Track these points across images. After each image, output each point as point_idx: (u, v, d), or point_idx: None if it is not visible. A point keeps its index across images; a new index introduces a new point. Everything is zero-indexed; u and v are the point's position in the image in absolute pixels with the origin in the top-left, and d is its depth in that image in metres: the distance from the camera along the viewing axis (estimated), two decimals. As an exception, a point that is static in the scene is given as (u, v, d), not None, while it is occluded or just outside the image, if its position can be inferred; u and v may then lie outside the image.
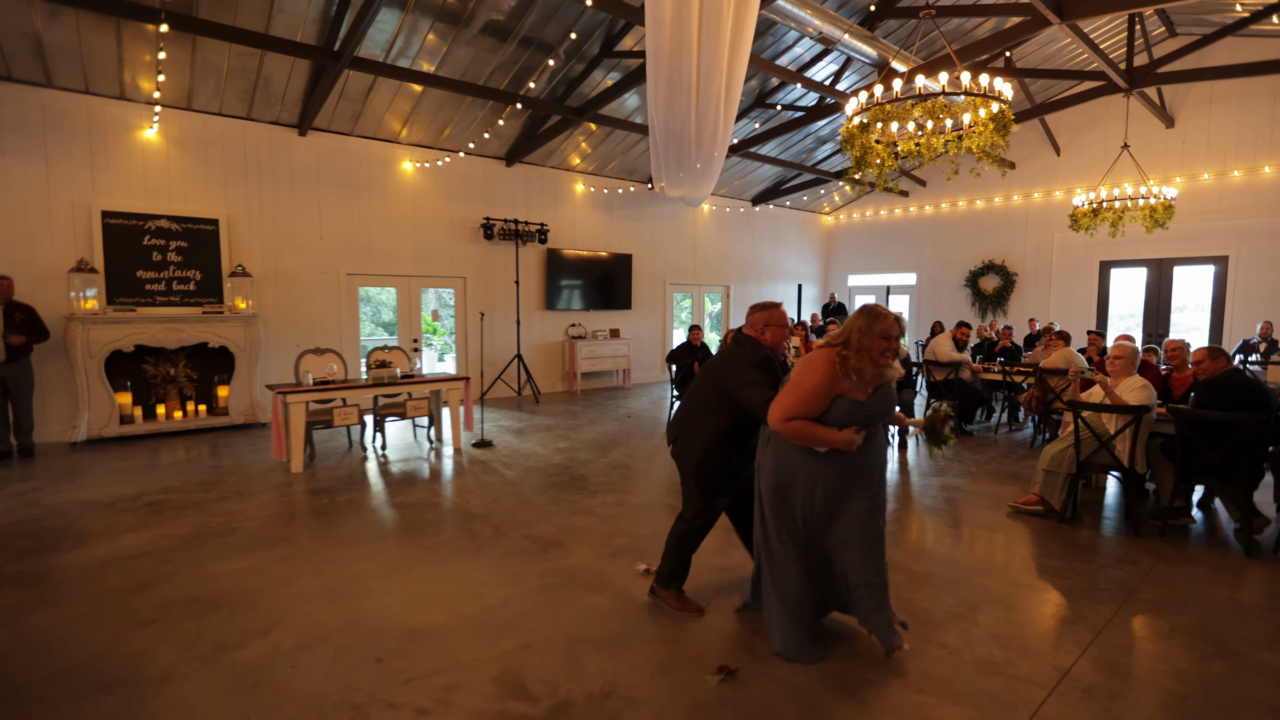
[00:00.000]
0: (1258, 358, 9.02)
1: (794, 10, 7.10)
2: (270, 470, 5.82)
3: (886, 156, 5.23)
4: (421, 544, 4.13)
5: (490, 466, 6.07)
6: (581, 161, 10.83)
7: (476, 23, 7.02)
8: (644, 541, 4.15)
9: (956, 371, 7.71)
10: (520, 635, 3.00)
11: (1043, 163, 12.64)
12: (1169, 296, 11.59)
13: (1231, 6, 8.85)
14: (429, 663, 2.78)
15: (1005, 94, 4.77)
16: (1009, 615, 3.19)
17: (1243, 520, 4.12)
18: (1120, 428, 4.36)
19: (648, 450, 6.76)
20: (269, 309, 8.04)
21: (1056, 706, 2.47)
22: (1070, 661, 2.78)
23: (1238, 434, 3.94)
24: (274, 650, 2.88)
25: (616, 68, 8.27)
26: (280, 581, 3.57)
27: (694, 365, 7.39)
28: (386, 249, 9.04)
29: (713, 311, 14.30)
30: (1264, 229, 10.33)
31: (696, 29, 5.42)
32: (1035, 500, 4.73)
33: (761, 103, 10.00)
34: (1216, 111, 10.66)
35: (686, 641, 2.94)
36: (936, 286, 14.34)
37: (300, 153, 8.21)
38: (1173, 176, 10.96)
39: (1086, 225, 8.96)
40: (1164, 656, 2.86)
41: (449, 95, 8.16)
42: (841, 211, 15.76)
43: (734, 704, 2.49)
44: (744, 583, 3.41)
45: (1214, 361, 4.27)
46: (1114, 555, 3.98)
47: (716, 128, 6.73)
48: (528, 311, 10.57)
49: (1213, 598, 3.40)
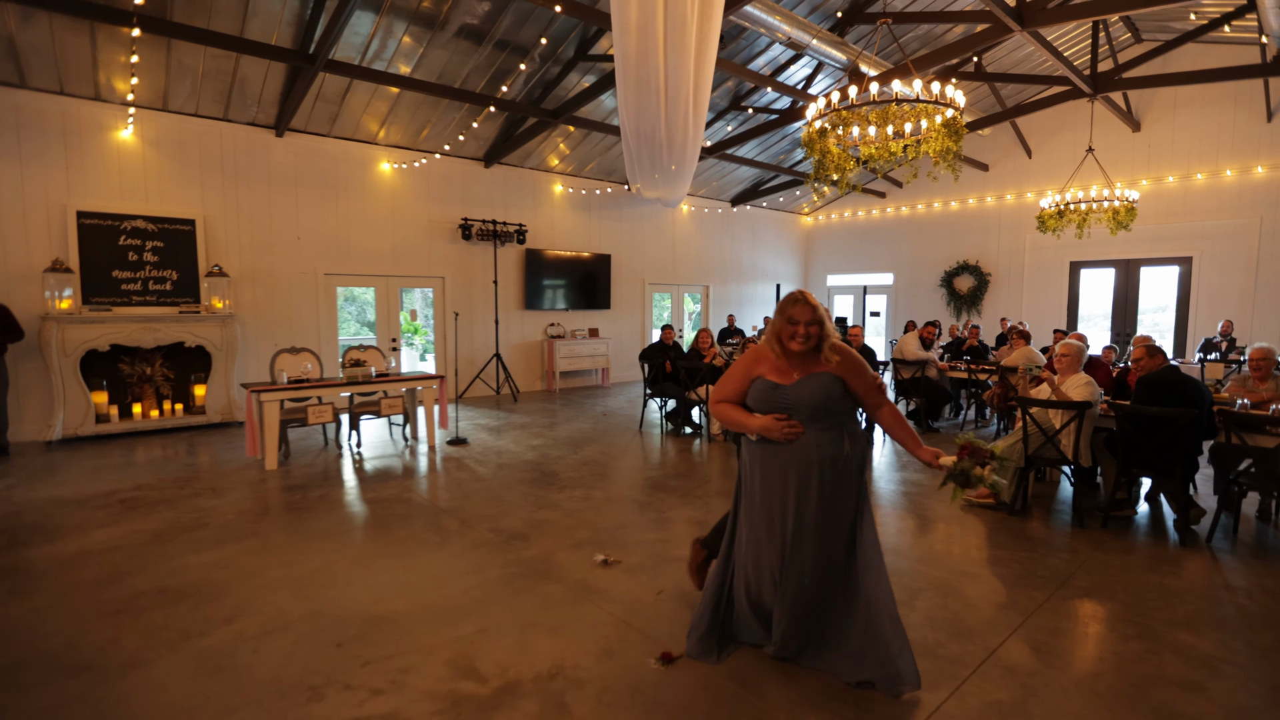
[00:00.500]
0: (1218, 356, 9.28)
1: (763, 16, 7.25)
2: (244, 468, 5.90)
3: (847, 160, 5.39)
4: (388, 537, 4.24)
5: (463, 463, 6.18)
6: (560, 162, 10.94)
7: (451, 26, 7.12)
8: (605, 534, 4.28)
9: (923, 370, 7.90)
10: (477, 621, 3.12)
11: (1015, 165, 12.89)
12: (1136, 296, 11.87)
13: (1186, 15, 9.11)
14: (387, 647, 2.89)
15: (957, 101, 4.93)
16: (947, 601, 3.35)
17: (1179, 511, 4.31)
18: (1064, 423, 4.54)
19: (619, 447, 6.89)
20: (246, 309, 8.10)
21: (977, 683, 2.62)
22: (999, 643, 2.94)
23: (1172, 428, 4.13)
24: (237, 637, 2.99)
25: (592, 70, 8.39)
26: (248, 573, 3.67)
27: (666, 364, 7.53)
28: (365, 249, 9.12)
29: (693, 311, 14.45)
30: (1225, 230, 10.62)
31: (662, 34, 5.55)
32: (987, 493, 4.90)
33: (736, 105, 10.16)
34: (1180, 116, 10.94)
35: (637, 627, 3.07)
36: (913, 286, 14.58)
37: (277, 153, 8.27)
38: (1139, 179, 11.24)
39: (1053, 227, 9.20)
40: (1087, 637, 3.03)
41: (426, 97, 8.25)
42: (820, 212, 15.96)
43: (674, 683, 2.62)
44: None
45: (1151, 359, 4.46)
46: (1056, 545, 4.16)
47: (687, 130, 6.86)
48: (506, 311, 10.67)
49: (1142, 583, 3.57)
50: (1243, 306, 10.49)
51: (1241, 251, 10.51)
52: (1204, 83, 9.42)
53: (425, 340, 14.24)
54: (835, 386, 2.55)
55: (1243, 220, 10.44)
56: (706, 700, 2.52)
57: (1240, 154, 10.41)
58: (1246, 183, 10.38)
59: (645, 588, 3.49)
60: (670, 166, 7.77)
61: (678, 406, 7.64)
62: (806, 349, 2.56)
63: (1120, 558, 3.94)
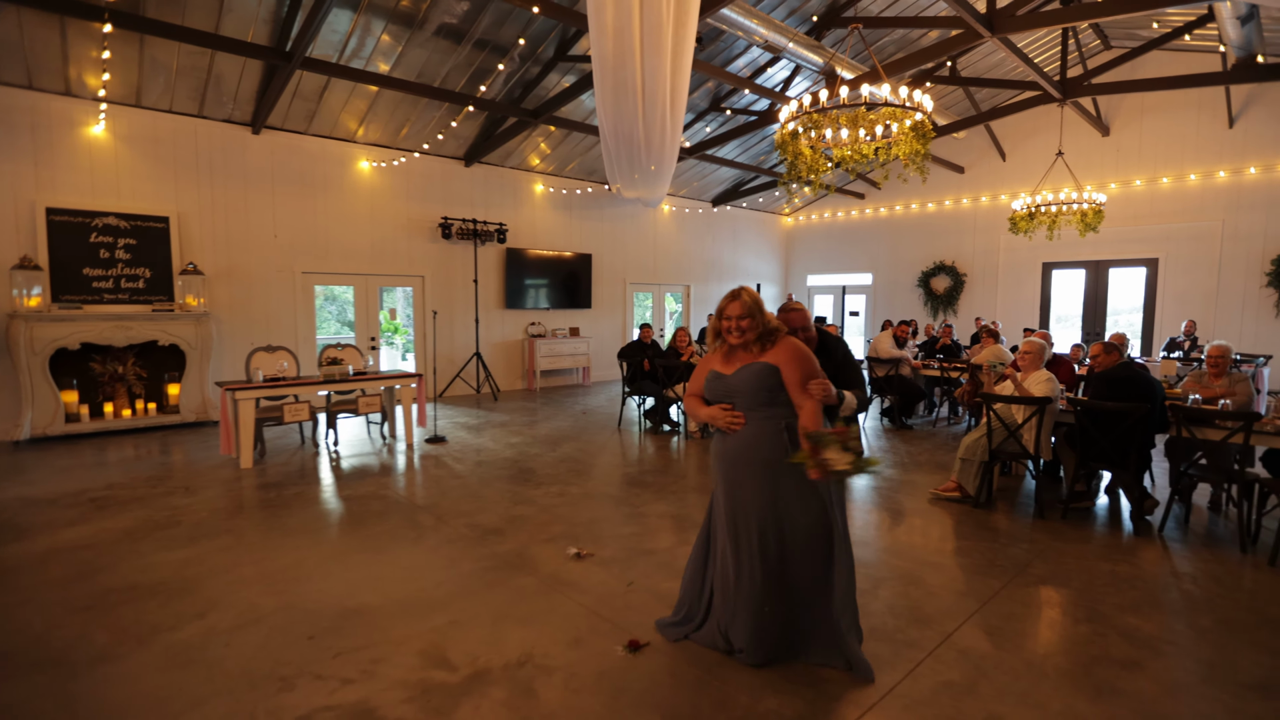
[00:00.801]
0: (1181, 354, 9.54)
1: (740, 19, 7.35)
2: (219, 466, 5.88)
3: (819, 161, 5.50)
4: (363, 533, 4.26)
5: (441, 461, 6.20)
6: (541, 162, 10.98)
7: (430, 25, 7.13)
8: (579, 529, 4.34)
9: (897, 368, 8.05)
10: (449, 614, 3.17)
11: (989, 167, 13.14)
12: (1105, 296, 12.16)
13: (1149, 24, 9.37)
14: (359, 639, 2.93)
15: (925, 105, 5.06)
16: (908, 590, 3.45)
17: (1134, 502, 4.46)
18: (1026, 418, 4.67)
19: (598, 444, 6.95)
20: (222, 307, 8.05)
21: (931, 666, 2.72)
22: (955, 627, 3.05)
23: (1127, 422, 4.27)
24: (209, 631, 3.01)
25: (572, 70, 8.44)
26: (220, 569, 3.68)
27: (644, 362, 7.60)
28: (343, 248, 9.09)
29: (674, 311, 14.54)
30: (1190, 233, 10.92)
31: (638, 37, 5.62)
32: (954, 487, 5.04)
33: (716, 107, 10.26)
34: (1147, 121, 11.23)
35: (606, 617, 3.13)
36: (891, 286, 14.79)
37: (254, 151, 8.22)
38: (1108, 182, 11.51)
39: (1024, 228, 9.41)
40: (1038, 621, 3.14)
41: (405, 95, 8.25)
42: (800, 213, 16.14)
43: (639, 669, 2.69)
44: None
45: (1108, 355, 4.61)
46: (1016, 535, 4.28)
47: (665, 131, 6.94)
48: (487, 310, 10.68)
49: (1095, 571, 3.71)
50: (1205, 307, 10.80)
51: (1205, 253, 10.81)
52: (1168, 89, 9.71)
53: (406, 339, 14.20)
54: (769, 376, 2.61)
55: (1206, 223, 10.74)
56: (670, 684, 2.59)
57: (1203, 159, 10.71)
58: (1209, 187, 10.68)
59: (617, 579, 3.55)
60: (649, 167, 7.84)
61: (656, 404, 7.71)
62: (743, 342, 2.67)
63: (1076, 547, 4.08)
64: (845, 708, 2.44)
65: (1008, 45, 7.74)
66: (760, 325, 2.66)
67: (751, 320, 2.64)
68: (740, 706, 2.44)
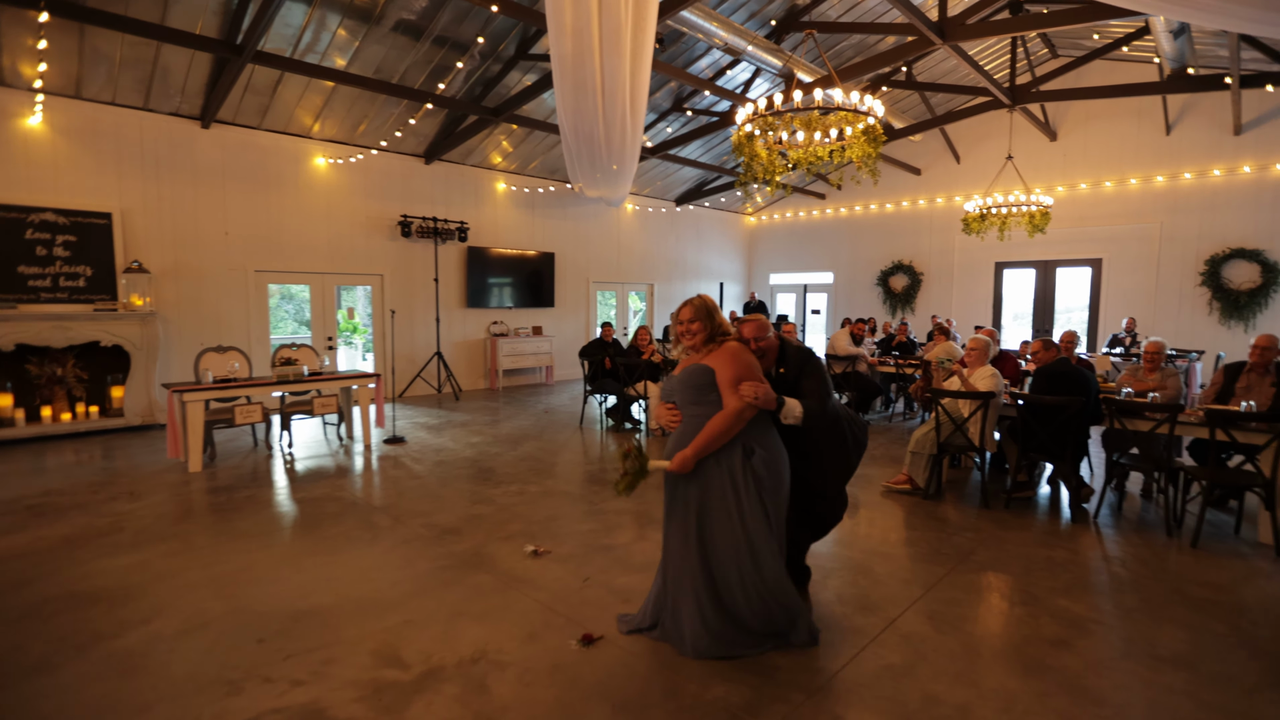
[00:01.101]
0: (1122, 350, 9.96)
1: (700, 22, 7.42)
2: (166, 470, 5.72)
3: (775, 162, 5.60)
4: (317, 535, 4.21)
5: (399, 461, 6.14)
6: (503, 160, 10.91)
7: (388, 20, 7.04)
8: (537, 526, 4.36)
9: (854, 365, 8.23)
10: (404, 613, 3.16)
11: (944, 169, 13.49)
12: (1053, 295, 12.61)
13: (1091, 35, 9.76)
14: (310, 641, 2.91)
15: (876, 110, 5.20)
16: (856, 579, 3.56)
17: (1072, 491, 4.67)
18: (971, 412, 4.84)
19: (559, 443, 6.96)
20: (169, 306, 7.81)
21: (875, 650, 2.82)
22: (899, 613, 3.16)
23: (1063, 415, 4.47)
24: (153, 638, 2.95)
25: (533, 69, 8.42)
26: (166, 575, 3.60)
27: (605, 360, 7.63)
28: (298, 245, 8.90)
29: (638, 309, 14.60)
30: (1131, 234, 11.39)
31: (597, 37, 5.64)
32: (905, 480, 5.19)
33: (678, 107, 10.34)
34: (1092, 127, 11.67)
35: (562, 612, 3.16)
36: (852, 284, 15.09)
37: (203, 145, 8.00)
38: (1055, 185, 11.93)
39: (976, 229, 9.71)
40: (977, 605, 3.27)
41: (362, 91, 8.12)
42: (763, 213, 16.34)
43: (593, 662, 2.73)
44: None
45: (1046, 352, 4.81)
46: (962, 525, 4.44)
47: (626, 131, 6.97)
48: (448, 309, 10.58)
49: (1032, 557, 3.87)
50: (1145, 304, 11.28)
51: (1144, 254, 11.29)
52: (1110, 97, 10.12)
53: (366, 339, 13.96)
54: (700, 376, 2.71)
55: (1145, 225, 11.22)
56: (623, 675, 2.63)
57: (1143, 164, 11.18)
58: (1149, 191, 11.16)
59: (573, 575, 3.58)
60: (611, 166, 7.87)
61: (617, 402, 7.75)
62: (694, 344, 2.78)
63: (1017, 534, 4.25)
64: (790, 693, 2.51)
65: (959, 52, 7.97)
66: (709, 329, 2.76)
67: (701, 324, 2.76)
68: (689, 695, 2.50)
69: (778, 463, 2.74)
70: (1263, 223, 10.07)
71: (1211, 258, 10.50)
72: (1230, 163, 10.31)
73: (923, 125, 11.71)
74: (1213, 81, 8.57)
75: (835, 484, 3.09)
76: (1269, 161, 9.95)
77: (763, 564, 2.68)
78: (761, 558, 2.68)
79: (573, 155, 7.71)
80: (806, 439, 2.93)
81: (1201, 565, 3.77)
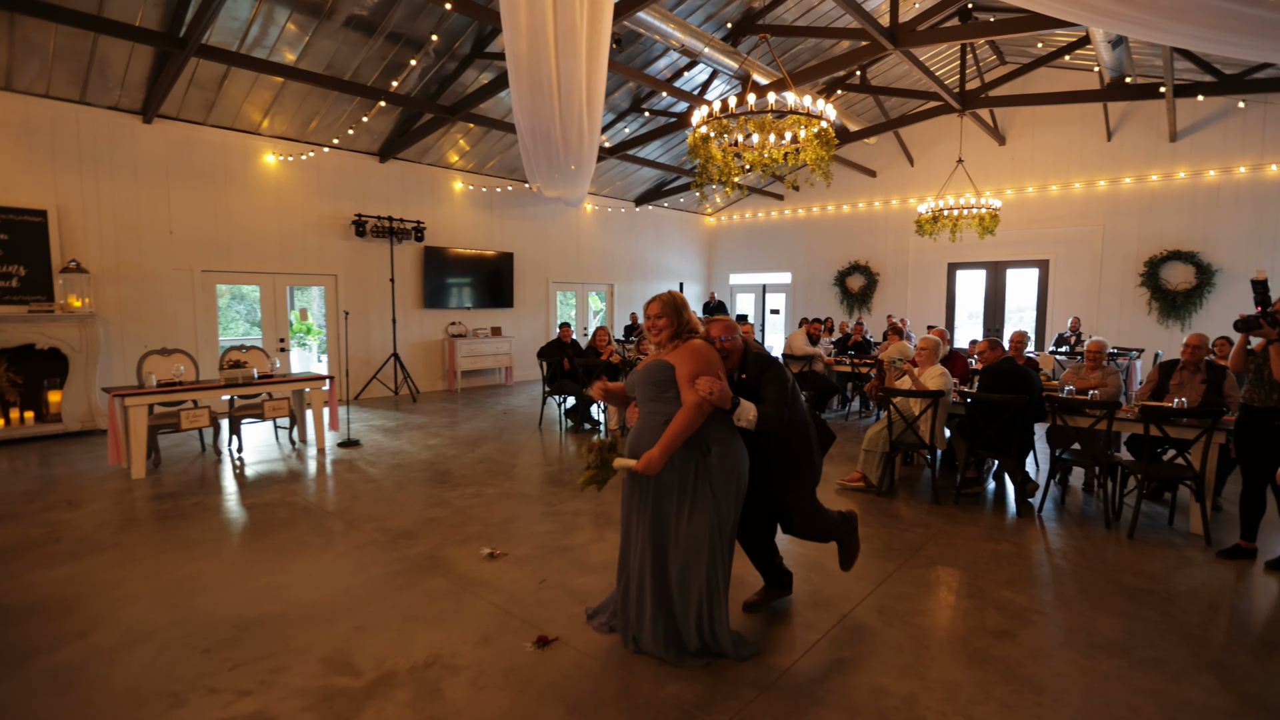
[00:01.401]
0: (1068, 349, 10.35)
1: (656, 23, 7.45)
2: (107, 478, 5.50)
3: (731, 164, 5.66)
4: (267, 542, 4.10)
5: (354, 465, 6.02)
6: (460, 159, 10.78)
7: (339, 15, 6.89)
8: (494, 528, 4.32)
9: (810, 364, 8.37)
10: (356, 619, 3.11)
11: (899, 172, 13.81)
12: (1004, 295, 13.02)
13: (1036, 43, 10.11)
14: (258, 650, 2.84)
15: (829, 114, 5.30)
16: (809, 576, 3.63)
17: (1018, 486, 4.84)
18: (922, 410, 4.98)
19: (517, 444, 6.91)
20: (110, 308, 7.51)
21: (825, 646, 2.88)
22: (850, 609, 3.23)
23: (1008, 412, 4.62)
24: (91, 651, 2.84)
25: (490, 67, 8.33)
26: (106, 586, 3.47)
27: (564, 361, 7.61)
28: (248, 245, 8.65)
29: (598, 310, 14.58)
30: (1076, 236, 11.83)
31: (553, 37, 5.62)
32: (859, 478, 5.30)
33: (637, 108, 10.36)
34: (1038, 133, 12.08)
35: (517, 615, 3.15)
36: (810, 284, 15.33)
37: (146, 141, 7.71)
38: (1004, 189, 12.32)
39: (929, 231, 9.97)
40: (926, 599, 3.37)
41: (314, 88, 7.92)
42: (722, 213, 16.49)
43: (547, 664, 2.73)
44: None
45: (993, 351, 4.98)
46: (913, 521, 4.56)
47: (583, 131, 6.97)
48: (405, 310, 10.41)
49: (979, 551, 4.00)
50: (1089, 304, 11.73)
51: (1088, 255, 11.74)
52: (1054, 104, 10.53)
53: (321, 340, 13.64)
54: (659, 371, 2.69)
55: (1089, 227, 11.67)
56: (577, 676, 2.64)
57: (1086, 168, 11.63)
58: (1092, 194, 11.61)
59: (529, 577, 3.57)
60: (569, 166, 7.85)
61: (577, 403, 7.73)
62: (659, 340, 2.76)
63: (965, 529, 4.39)
64: (742, 689, 2.55)
65: (910, 58, 8.17)
66: (675, 325, 2.75)
67: (668, 319, 2.74)
68: (642, 694, 2.52)
69: (735, 462, 2.71)
70: (1196, 226, 10.57)
71: (1150, 259, 10.97)
72: (1166, 168, 10.79)
73: (877, 128, 11.98)
74: (1149, 90, 8.97)
75: (797, 492, 3.03)
76: (1202, 168, 10.45)
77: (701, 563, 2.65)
78: (701, 556, 2.65)
79: (530, 155, 7.67)
80: (765, 445, 2.91)
81: (1137, 556, 3.95)
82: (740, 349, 2.95)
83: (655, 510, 2.71)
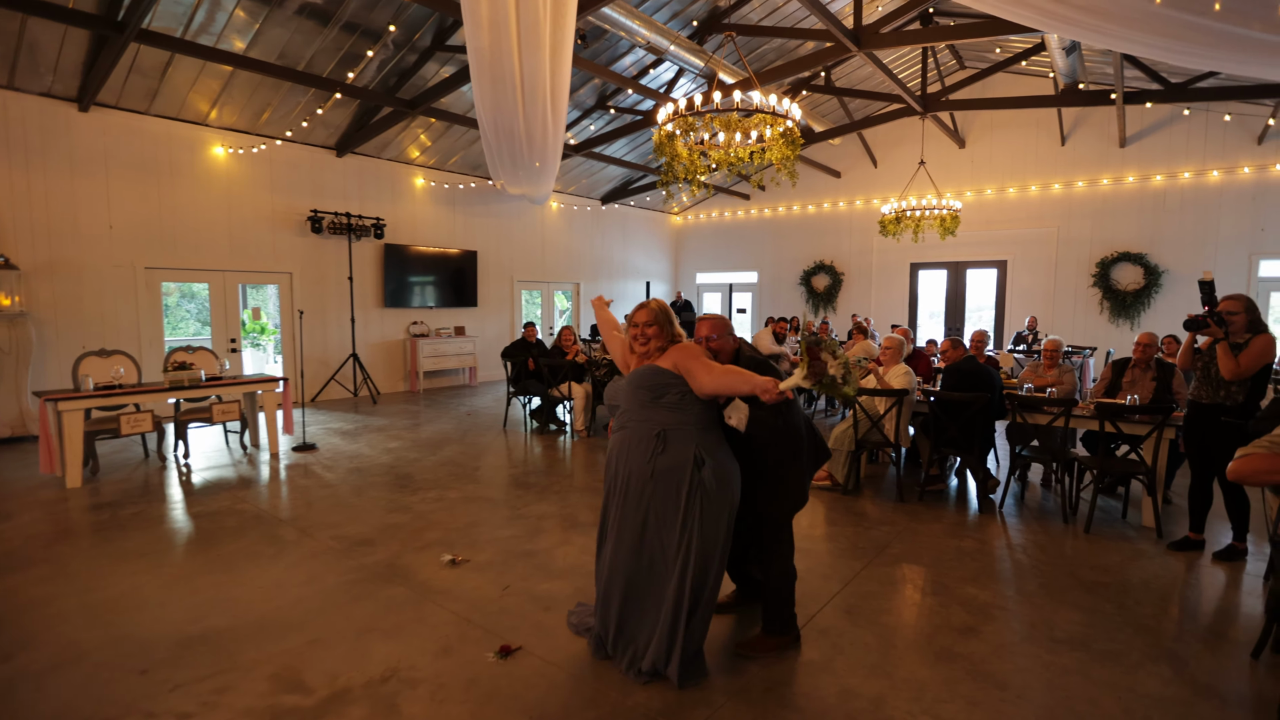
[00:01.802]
0: (1025, 347, 10.60)
1: (622, 20, 7.37)
2: (39, 487, 5.18)
3: (696, 163, 5.62)
4: (214, 553, 3.90)
5: (309, 470, 5.80)
6: (421, 154, 10.54)
7: (291, 2, 6.63)
8: (456, 534, 4.20)
9: (777, 363, 8.40)
10: (308, 632, 2.96)
11: (863, 173, 13.98)
12: (964, 295, 13.29)
13: (994, 49, 10.34)
14: (201, 668, 2.68)
15: (794, 113, 5.29)
16: (778, 575, 3.59)
17: (979, 482, 4.90)
18: (886, 409, 5.01)
19: (481, 446, 6.76)
20: (44, 306, 7.11)
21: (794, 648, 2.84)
22: (817, 609, 3.20)
23: (970, 410, 4.68)
24: (18, 674, 2.64)
25: (451, 60, 8.14)
26: (35, 604, 3.24)
27: (528, 361, 7.48)
28: (195, 241, 8.29)
29: (564, 309, 14.44)
30: (1033, 237, 12.14)
31: (515, 32, 5.50)
32: (825, 476, 5.31)
33: (603, 105, 10.26)
34: (997, 136, 12.36)
35: (479, 624, 3.04)
36: (776, 284, 15.43)
37: (82, 131, 7.32)
38: (964, 190, 12.57)
39: (892, 231, 10.09)
40: (892, 598, 3.37)
41: (265, 78, 7.63)
42: (689, 212, 16.49)
43: (510, 674, 2.63)
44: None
45: (955, 350, 5.03)
46: (878, 519, 4.58)
47: (547, 128, 6.85)
48: (365, 309, 10.13)
49: (943, 548, 4.03)
50: (1045, 304, 12.05)
51: (1044, 256, 12.06)
52: (1011, 108, 10.78)
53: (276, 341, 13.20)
54: (654, 376, 2.59)
55: (1045, 229, 11.99)
56: (542, 686, 2.55)
57: (1042, 171, 11.94)
58: (1047, 197, 11.92)
59: (492, 584, 3.46)
60: (533, 163, 7.73)
61: (542, 404, 7.61)
62: (646, 350, 2.67)
63: (930, 526, 4.42)
64: (711, 695, 2.50)
65: (873, 60, 8.25)
66: (668, 335, 2.68)
67: (658, 328, 2.66)
68: (609, 702, 2.44)
69: (728, 476, 2.59)
70: (1145, 229, 10.94)
71: (1102, 260, 11.31)
72: (1117, 172, 11.14)
73: (841, 129, 12.10)
74: (1100, 97, 9.24)
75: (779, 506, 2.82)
76: (1149, 172, 10.81)
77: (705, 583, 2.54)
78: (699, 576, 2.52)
79: (493, 151, 7.53)
80: (757, 457, 2.76)
81: (1094, 549, 4.02)
82: (730, 350, 2.83)
83: (650, 519, 2.56)
